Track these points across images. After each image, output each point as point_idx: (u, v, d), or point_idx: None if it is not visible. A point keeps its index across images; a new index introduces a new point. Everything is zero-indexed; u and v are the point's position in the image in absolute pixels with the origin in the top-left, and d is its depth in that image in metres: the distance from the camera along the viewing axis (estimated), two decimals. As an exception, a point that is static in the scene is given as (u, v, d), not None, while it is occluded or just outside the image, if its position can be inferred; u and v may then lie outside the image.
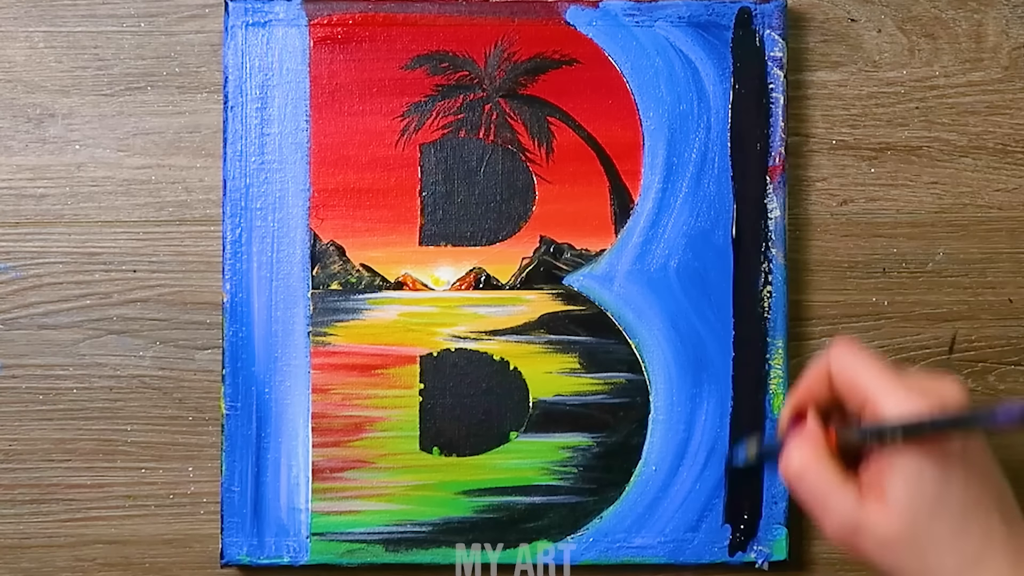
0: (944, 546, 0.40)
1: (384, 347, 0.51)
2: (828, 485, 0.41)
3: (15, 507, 0.52)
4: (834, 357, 0.42)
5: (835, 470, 0.41)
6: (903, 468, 0.39)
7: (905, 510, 0.39)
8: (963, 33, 0.53)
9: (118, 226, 0.52)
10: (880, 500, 0.40)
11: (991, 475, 0.40)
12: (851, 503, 0.40)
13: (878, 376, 0.40)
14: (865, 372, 0.40)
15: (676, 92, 0.51)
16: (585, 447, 0.51)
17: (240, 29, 0.51)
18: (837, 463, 0.41)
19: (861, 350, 0.41)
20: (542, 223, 0.51)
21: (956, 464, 0.39)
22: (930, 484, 0.39)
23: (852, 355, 0.41)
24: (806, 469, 0.41)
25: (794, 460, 0.42)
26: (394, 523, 0.51)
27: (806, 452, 0.42)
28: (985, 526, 0.40)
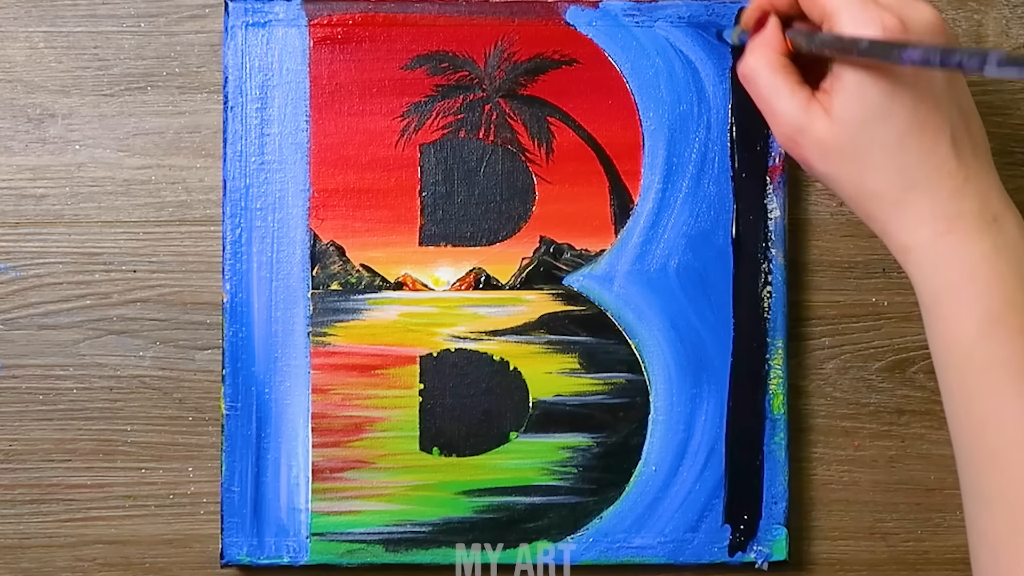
0: (879, 161, 0.40)
1: (384, 347, 0.51)
2: (777, 88, 0.42)
3: (15, 507, 0.52)
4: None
5: (786, 74, 0.42)
6: (850, 80, 0.39)
7: (846, 119, 0.40)
8: (963, 33, 0.53)
9: (118, 226, 0.52)
10: (827, 108, 0.40)
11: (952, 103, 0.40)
12: (797, 107, 0.41)
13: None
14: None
15: (676, 92, 0.51)
16: (585, 447, 0.51)
17: (240, 29, 0.51)
18: (792, 70, 0.42)
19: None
20: (542, 223, 0.51)
21: (906, 82, 0.39)
22: (874, 97, 0.39)
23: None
24: (758, 71, 0.42)
25: (748, 61, 0.43)
26: (394, 523, 0.51)
27: (759, 55, 0.43)
28: (928, 150, 0.39)
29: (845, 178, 0.41)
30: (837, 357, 0.53)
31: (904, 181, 0.40)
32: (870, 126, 0.39)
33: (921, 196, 0.40)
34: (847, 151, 0.40)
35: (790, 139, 0.42)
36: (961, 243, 0.39)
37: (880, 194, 0.40)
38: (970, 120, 0.41)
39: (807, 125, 0.41)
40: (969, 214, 0.39)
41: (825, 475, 0.52)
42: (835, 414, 0.53)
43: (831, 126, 0.40)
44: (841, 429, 0.53)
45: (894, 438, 0.52)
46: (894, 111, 0.39)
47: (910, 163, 0.39)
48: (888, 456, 0.53)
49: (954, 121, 0.40)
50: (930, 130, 0.39)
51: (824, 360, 0.53)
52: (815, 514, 0.52)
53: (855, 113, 0.40)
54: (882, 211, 0.41)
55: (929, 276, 0.40)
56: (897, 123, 0.39)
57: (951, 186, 0.39)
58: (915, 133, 0.39)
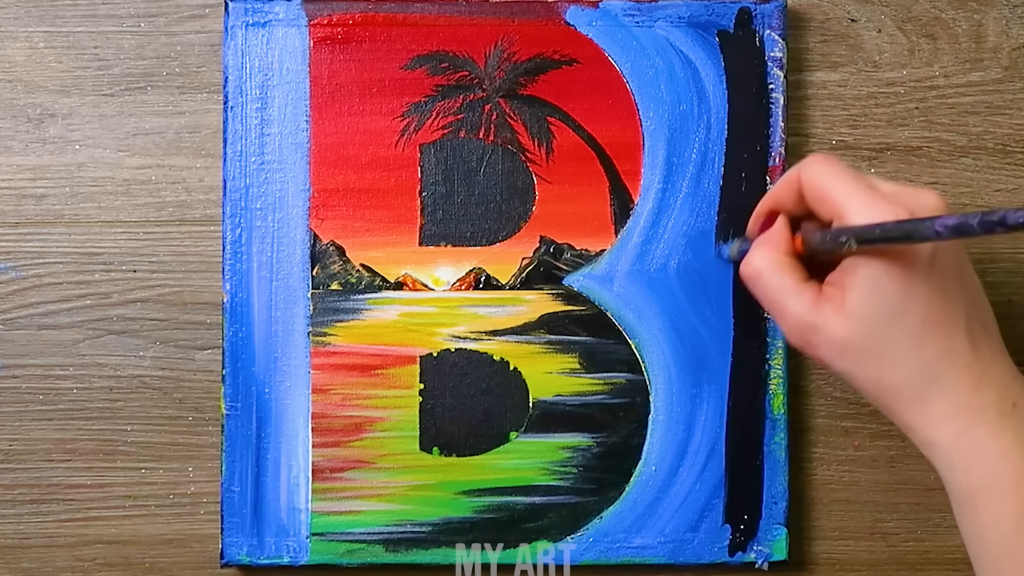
0: (898, 358, 0.39)
1: (384, 347, 0.51)
2: (784, 286, 0.41)
3: (15, 507, 0.52)
4: (805, 166, 0.41)
5: (794, 272, 0.41)
6: (863, 275, 0.39)
7: (860, 316, 0.39)
8: (963, 33, 0.53)
9: (118, 226, 0.52)
10: (839, 305, 0.39)
11: (963, 292, 0.39)
12: (806, 305, 0.40)
13: (848, 185, 0.39)
14: (836, 181, 0.40)
15: (676, 92, 0.51)
16: (585, 447, 0.51)
17: (240, 29, 0.51)
18: (798, 267, 0.41)
19: (835, 161, 0.41)
20: (542, 223, 0.51)
21: (920, 276, 0.38)
22: (889, 293, 0.38)
23: (824, 165, 0.40)
24: (762, 271, 0.41)
25: (752, 261, 0.42)
26: (394, 523, 0.51)
27: (763, 254, 0.42)
28: (945, 343, 0.39)
29: (863, 375, 0.40)
30: (837, 357, 0.53)
31: (923, 377, 0.39)
32: (887, 323, 0.39)
33: (942, 392, 0.39)
34: (864, 348, 0.39)
35: (802, 339, 0.41)
36: (986, 438, 0.39)
37: (900, 391, 0.39)
38: (981, 308, 0.40)
39: (820, 324, 0.40)
40: (991, 405, 0.39)
41: (825, 475, 0.52)
42: (835, 414, 0.53)
43: (846, 323, 0.39)
44: (841, 429, 0.53)
45: (894, 438, 0.52)
46: (911, 306, 0.38)
47: (929, 359, 0.39)
48: (888, 456, 0.53)
49: (968, 311, 0.39)
50: (946, 324, 0.39)
51: (824, 360, 0.53)
52: (815, 514, 0.52)
53: (871, 309, 0.39)
54: (904, 408, 0.40)
55: (958, 472, 0.39)
56: (914, 319, 0.38)
57: (970, 379, 0.39)
58: (931, 328, 0.39)
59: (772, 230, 0.43)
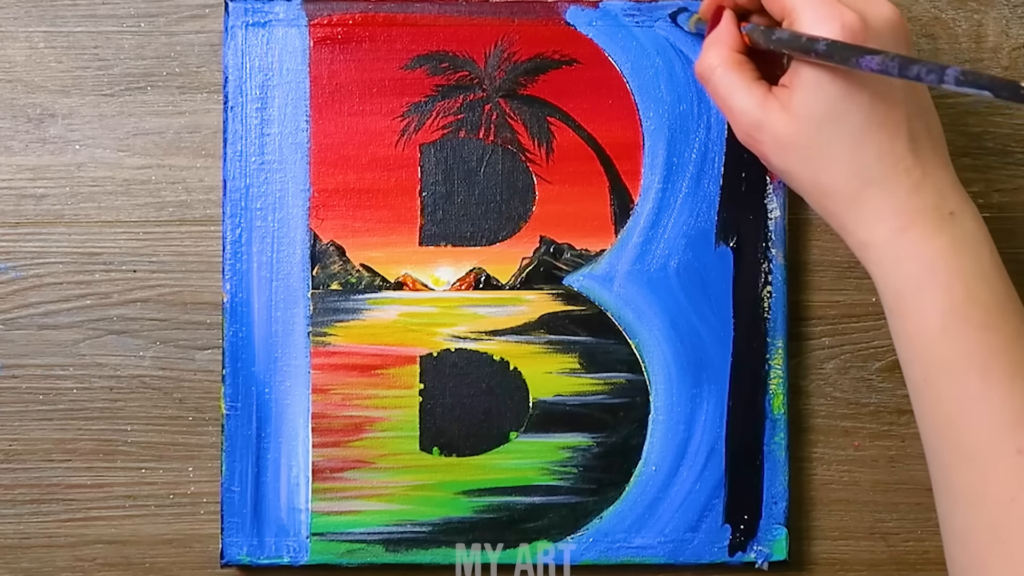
0: (837, 158, 0.39)
1: (384, 347, 0.51)
2: (733, 85, 0.41)
3: (15, 507, 0.52)
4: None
5: (742, 71, 0.42)
6: (807, 76, 0.39)
7: (803, 116, 0.39)
8: (963, 33, 0.53)
9: (118, 226, 0.52)
10: (786, 104, 0.40)
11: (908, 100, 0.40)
12: (754, 103, 0.41)
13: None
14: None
15: (676, 92, 0.51)
16: (585, 447, 0.51)
17: (240, 29, 0.51)
18: (749, 66, 0.42)
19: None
20: (542, 223, 0.51)
21: (866, 82, 0.39)
22: (831, 94, 0.39)
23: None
24: (714, 68, 0.42)
25: (704, 59, 0.43)
26: (394, 523, 0.51)
27: (715, 51, 0.42)
28: (885, 146, 0.39)
29: (803, 174, 0.41)
30: (837, 357, 0.53)
31: (861, 178, 0.40)
32: (827, 123, 0.39)
33: (878, 193, 0.39)
34: (804, 148, 0.40)
35: (748, 135, 0.42)
36: (919, 239, 0.39)
37: (837, 191, 0.40)
38: (928, 117, 0.41)
39: (764, 121, 0.41)
40: (927, 210, 0.39)
41: (825, 475, 0.52)
42: (835, 414, 0.53)
43: (789, 122, 0.40)
44: (841, 429, 0.53)
45: (894, 438, 0.52)
46: (851, 108, 0.39)
47: (867, 160, 0.39)
48: (888, 456, 0.53)
49: (911, 118, 0.40)
50: (887, 127, 0.39)
51: (824, 360, 0.53)
52: (815, 514, 0.52)
53: (813, 110, 0.39)
54: (840, 208, 0.40)
55: (889, 273, 0.40)
56: (854, 120, 0.39)
57: (908, 183, 0.39)
58: (872, 130, 0.39)
59: (721, 27, 0.43)
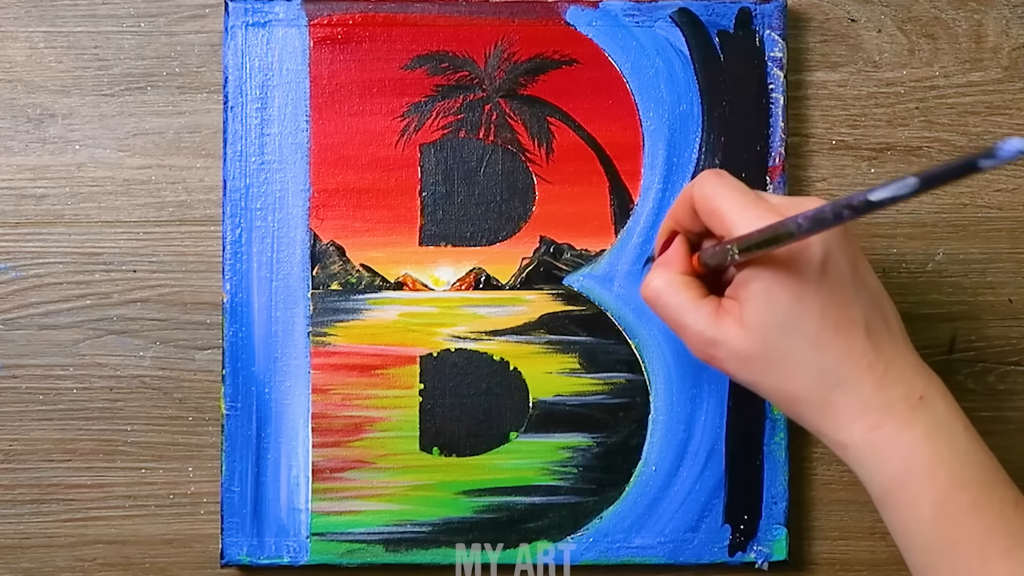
0: (799, 365, 0.39)
1: (384, 347, 0.51)
2: (682, 304, 0.41)
3: (15, 507, 0.52)
4: (697, 183, 0.42)
5: (691, 289, 0.42)
6: (756, 288, 0.39)
7: (757, 327, 0.39)
8: (963, 33, 0.53)
9: (118, 226, 0.52)
10: (738, 319, 0.40)
11: (860, 293, 0.40)
12: (705, 320, 0.41)
13: (736, 199, 0.40)
14: (725, 196, 0.40)
15: (676, 92, 0.51)
16: (585, 447, 0.51)
17: (240, 29, 0.51)
18: (696, 285, 0.42)
19: (725, 176, 0.41)
20: (542, 223, 0.51)
21: (812, 283, 0.39)
22: (782, 303, 0.39)
23: (714, 180, 0.41)
24: (660, 291, 0.42)
25: (649, 283, 0.43)
26: (394, 523, 0.51)
27: (659, 274, 0.43)
28: (845, 346, 0.39)
29: (768, 385, 0.40)
30: (837, 357, 0.53)
31: (826, 382, 0.39)
32: (784, 332, 0.39)
33: (845, 395, 0.39)
34: (765, 359, 0.40)
35: (705, 353, 0.41)
36: (894, 435, 0.39)
37: (804, 398, 0.40)
38: (882, 303, 0.41)
39: (720, 338, 0.40)
40: (896, 403, 0.39)
41: (825, 475, 0.52)
42: (835, 414, 0.52)
43: (745, 336, 0.40)
44: (841, 429, 0.52)
45: (894, 438, 0.52)
46: (805, 314, 0.39)
47: (829, 364, 0.39)
48: (888, 456, 0.52)
49: (866, 310, 0.40)
50: (844, 327, 0.39)
51: (824, 360, 0.53)
52: (815, 514, 0.52)
53: (767, 320, 0.39)
54: (810, 414, 0.40)
55: (872, 471, 0.40)
56: (810, 325, 0.39)
57: (873, 380, 0.39)
58: (830, 332, 0.39)
59: (669, 251, 0.44)
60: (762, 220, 0.39)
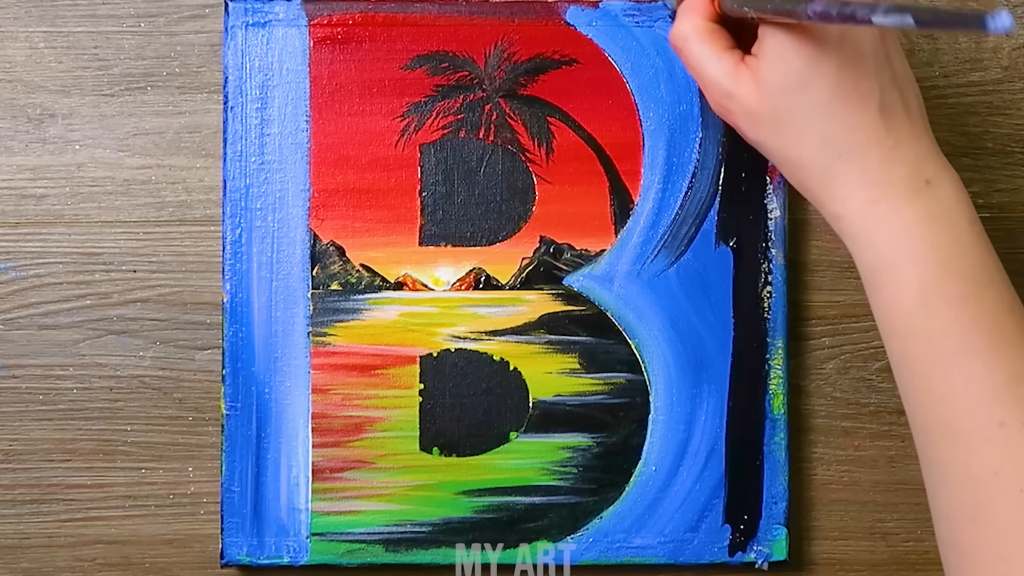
0: (806, 129, 0.39)
1: (384, 347, 0.51)
2: (705, 54, 0.41)
3: (15, 507, 0.52)
4: None
5: (715, 40, 0.41)
6: (771, 45, 0.39)
7: (769, 86, 0.39)
8: (963, 33, 0.53)
9: (118, 226, 0.52)
10: (755, 74, 0.39)
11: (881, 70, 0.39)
12: (725, 73, 0.40)
13: None
14: None
15: (676, 92, 0.51)
16: (585, 447, 0.51)
17: (240, 29, 0.51)
18: (722, 35, 0.41)
19: None
20: (542, 223, 0.51)
21: (829, 48, 0.38)
22: (795, 63, 0.38)
23: None
24: (687, 39, 0.41)
25: (676, 28, 0.42)
26: (394, 523, 0.51)
27: (687, 21, 0.42)
28: (855, 117, 0.38)
29: (774, 146, 0.40)
30: (837, 357, 0.53)
31: (831, 150, 0.39)
32: (793, 94, 0.39)
33: (849, 165, 0.39)
34: (773, 119, 0.39)
35: (720, 105, 0.41)
36: (891, 211, 0.38)
37: (808, 164, 0.39)
38: (903, 85, 0.40)
39: (735, 91, 0.40)
40: (899, 181, 0.38)
41: (825, 475, 0.52)
42: (835, 414, 0.53)
43: (757, 93, 0.39)
44: (841, 429, 0.52)
45: (894, 438, 0.52)
46: (817, 78, 0.38)
47: (836, 132, 0.39)
48: (888, 456, 0.52)
49: (884, 87, 0.39)
50: (856, 97, 0.38)
51: (824, 360, 0.53)
52: (815, 514, 0.52)
53: (778, 80, 0.39)
54: (812, 180, 0.40)
55: (863, 246, 0.39)
56: (821, 90, 0.38)
57: (879, 154, 0.38)
58: (840, 101, 0.38)
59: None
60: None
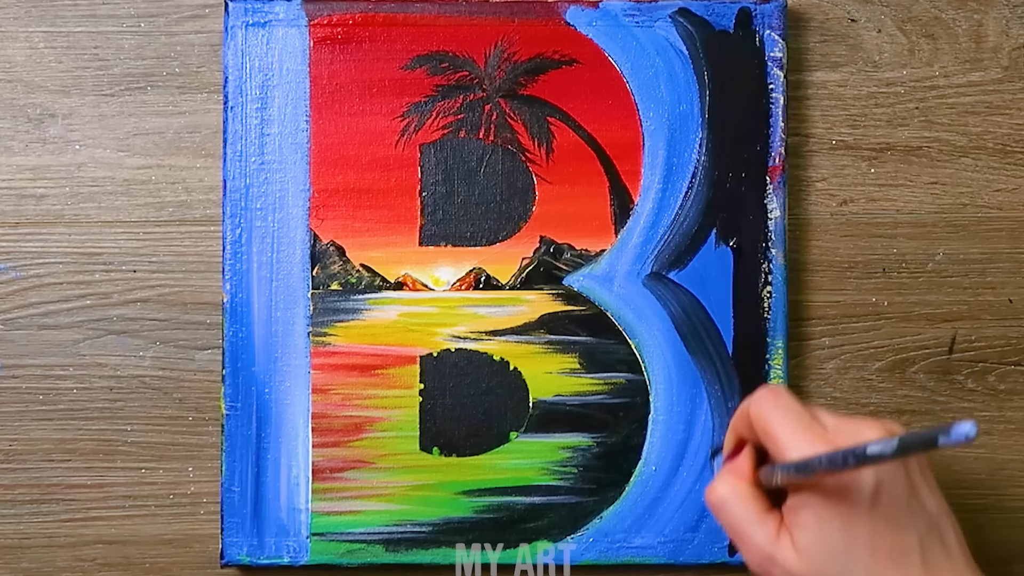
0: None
1: (384, 347, 0.51)
2: (746, 518, 0.41)
3: (15, 507, 0.52)
4: (754, 402, 0.42)
5: (756, 502, 0.42)
6: (806, 516, 0.40)
7: (810, 554, 0.39)
8: (963, 33, 0.53)
9: (118, 226, 0.52)
10: (793, 540, 0.40)
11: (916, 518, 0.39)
12: (766, 537, 0.41)
13: (789, 423, 0.40)
14: (779, 419, 0.41)
15: (676, 92, 0.51)
16: (585, 447, 0.51)
17: (240, 29, 0.51)
18: (761, 496, 0.42)
19: (781, 395, 0.41)
20: (542, 223, 0.51)
21: (862, 512, 0.39)
22: (831, 532, 0.39)
23: (770, 400, 0.41)
24: (727, 500, 0.42)
25: (717, 489, 0.43)
26: (394, 523, 0.51)
27: (728, 483, 0.43)
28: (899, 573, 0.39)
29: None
30: (837, 357, 0.53)
31: None
32: (836, 560, 0.39)
33: None
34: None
35: (762, 568, 0.41)
36: None
37: None
38: (941, 525, 0.40)
39: (777, 556, 0.40)
40: None
41: (825, 475, 0.52)
42: (835, 414, 0.52)
43: (798, 560, 0.40)
44: (841, 429, 0.52)
45: (894, 438, 0.52)
46: (855, 543, 0.39)
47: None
48: (888, 456, 0.52)
49: (922, 536, 0.39)
50: (897, 554, 0.39)
51: (824, 360, 0.53)
52: (815, 514, 0.52)
53: (818, 548, 0.39)
54: None
55: None
56: (861, 555, 0.39)
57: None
58: (883, 561, 0.39)
59: (739, 459, 0.44)
60: (813, 448, 0.39)
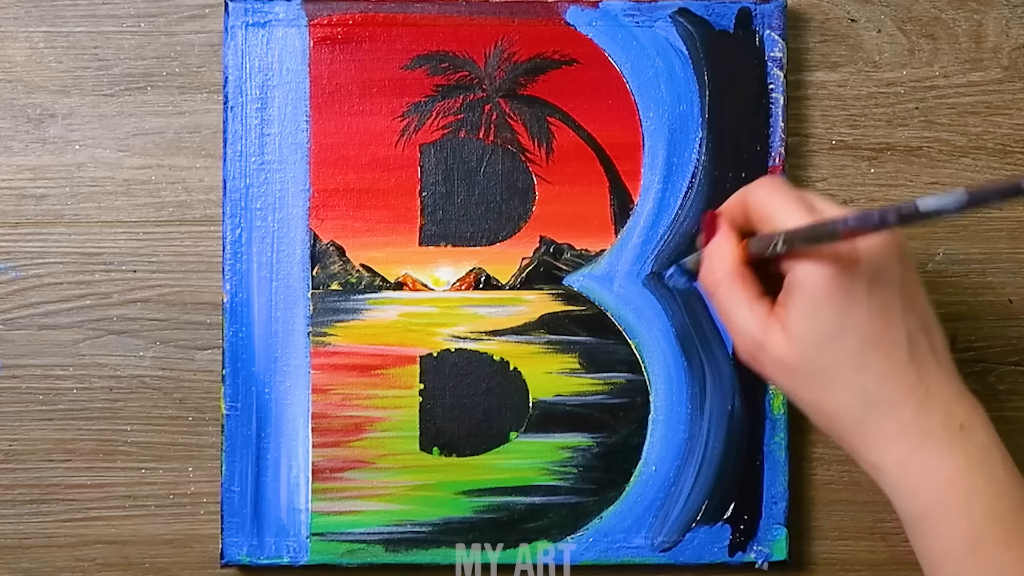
0: (839, 380, 0.39)
1: (384, 347, 0.51)
2: (737, 302, 0.40)
3: (15, 507, 0.52)
4: (752, 188, 0.41)
5: (746, 286, 0.41)
6: (800, 296, 0.38)
7: (799, 338, 0.38)
8: (963, 33, 0.53)
9: (118, 226, 0.52)
10: (782, 325, 0.39)
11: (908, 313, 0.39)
12: (756, 323, 0.40)
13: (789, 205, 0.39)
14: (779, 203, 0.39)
15: (676, 92, 0.51)
16: (585, 447, 0.51)
17: (240, 29, 0.51)
18: (752, 280, 0.41)
19: (781, 184, 0.40)
20: (542, 223, 0.51)
21: (859, 297, 0.38)
22: (825, 317, 0.38)
23: (770, 187, 0.40)
24: (719, 283, 0.41)
25: (708, 270, 0.41)
26: (394, 523, 0.51)
27: (718, 263, 0.41)
28: (887, 366, 0.38)
29: (806, 397, 0.40)
30: (837, 357, 0.52)
31: (866, 401, 0.38)
32: (824, 346, 0.38)
33: (884, 416, 0.38)
34: (805, 371, 0.39)
35: (750, 355, 0.41)
36: (932, 462, 0.38)
37: (843, 415, 0.39)
38: (929, 327, 0.40)
39: (765, 342, 0.39)
40: (935, 428, 0.38)
41: (825, 475, 0.52)
42: (835, 414, 0.52)
43: (787, 345, 0.39)
44: (841, 429, 0.52)
45: (894, 438, 0.52)
46: (847, 330, 0.38)
47: (870, 382, 0.38)
48: (888, 456, 0.52)
49: (911, 331, 0.39)
50: (887, 345, 0.38)
51: (824, 360, 0.53)
52: (815, 514, 0.52)
53: (809, 331, 0.38)
54: (846, 431, 0.39)
55: (906, 498, 0.39)
56: (852, 342, 0.38)
57: (914, 402, 0.38)
58: (872, 351, 0.38)
59: (718, 236, 0.42)
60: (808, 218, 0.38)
